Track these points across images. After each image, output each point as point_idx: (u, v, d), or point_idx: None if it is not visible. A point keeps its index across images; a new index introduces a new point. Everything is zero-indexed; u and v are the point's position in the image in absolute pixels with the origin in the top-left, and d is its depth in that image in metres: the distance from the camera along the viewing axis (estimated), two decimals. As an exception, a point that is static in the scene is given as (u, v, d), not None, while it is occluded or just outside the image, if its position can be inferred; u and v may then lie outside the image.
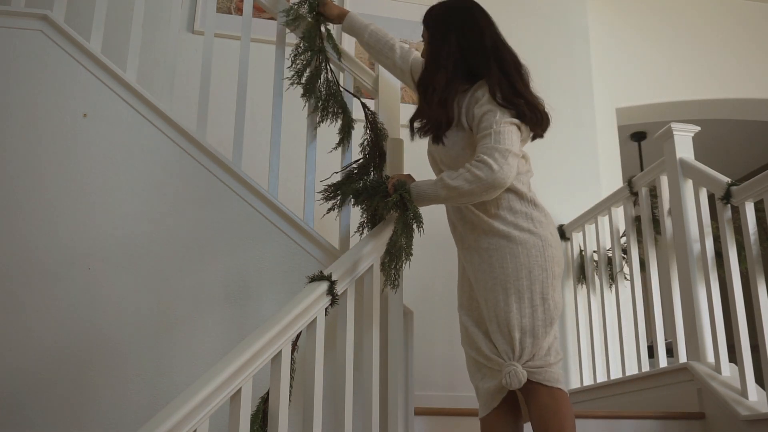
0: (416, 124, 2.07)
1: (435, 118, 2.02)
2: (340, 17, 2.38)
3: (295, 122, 2.75)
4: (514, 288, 1.90)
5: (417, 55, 2.30)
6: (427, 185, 1.99)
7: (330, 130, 2.49)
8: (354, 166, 2.38)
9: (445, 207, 2.14)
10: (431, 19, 2.14)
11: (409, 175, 2.12)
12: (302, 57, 2.39)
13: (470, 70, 2.04)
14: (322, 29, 2.44)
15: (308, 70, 2.40)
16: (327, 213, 2.36)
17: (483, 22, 2.09)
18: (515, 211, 1.96)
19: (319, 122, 2.42)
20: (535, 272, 1.90)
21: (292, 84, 2.39)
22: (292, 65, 2.40)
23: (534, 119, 1.98)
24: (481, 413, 2.00)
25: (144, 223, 2.28)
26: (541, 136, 2.08)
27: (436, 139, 2.03)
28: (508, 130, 1.91)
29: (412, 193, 2.00)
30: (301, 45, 2.41)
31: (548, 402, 1.86)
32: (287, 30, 2.53)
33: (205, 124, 2.43)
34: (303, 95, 2.41)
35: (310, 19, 2.43)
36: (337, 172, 2.40)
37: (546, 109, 2.04)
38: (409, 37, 3.87)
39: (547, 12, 4.18)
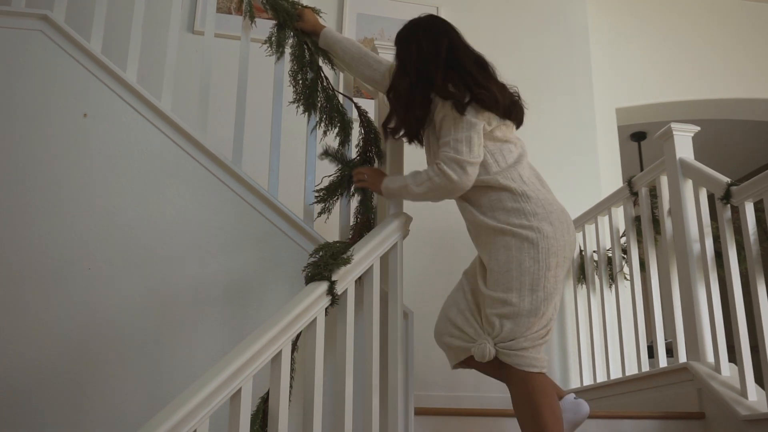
0: (390, 126, 2.23)
1: (401, 121, 2.18)
2: (315, 32, 2.45)
3: (295, 122, 2.75)
4: (504, 279, 1.98)
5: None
6: (396, 188, 2.17)
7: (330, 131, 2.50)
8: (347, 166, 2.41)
9: (458, 208, 2.21)
10: (398, 36, 2.27)
11: (377, 170, 2.29)
12: (299, 77, 2.45)
13: (428, 76, 2.12)
14: (309, 42, 2.48)
15: (304, 84, 2.44)
16: (318, 216, 2.38)
17: (440, 32, 2.19)
18: (507, 210, 2.03)
19: (325, 132, 2.44)
20: (526, 264, 1.97)
21: (297, 105, 2.45)
22: (292, 86, 2.46)
23: (499, 106, 2.08)
24: (451, 363, 2.13)
25: (144, 223, 2.28)
26: (517, 124, 2.19)
27: (410, 138, 2.23)
28: (465, 137, 2.03)
29: (383, 190, 2.20)
30: (293, 65, 2.46)
31: (520, 388, 1.95)
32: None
33: (205, 124, 2.43)
34: (304, 112, 2.44)
35: (291, 40, 2.48)
36: (328, 176, 2.41)
37: (517, 98, 2.17)
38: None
39: (547, 12, 4.18)
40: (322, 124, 2.45)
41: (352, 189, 2.37)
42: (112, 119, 2.36)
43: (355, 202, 2.44)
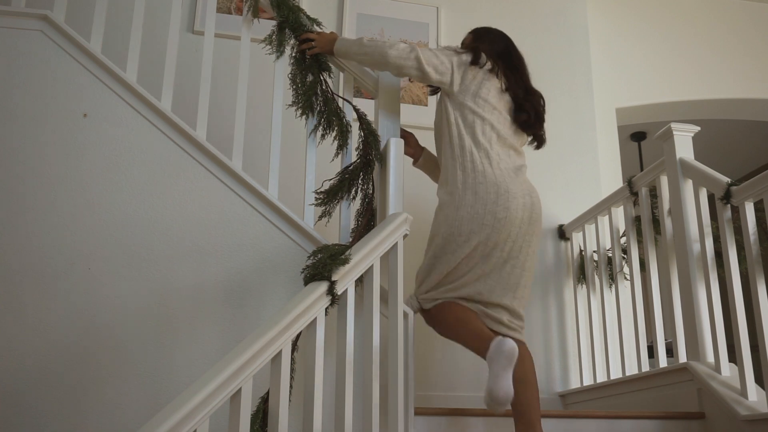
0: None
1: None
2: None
3: (295, 122, 2.75)
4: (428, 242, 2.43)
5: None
6: (350, 42, 2.48)
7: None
8: (347, 170, 2.42)
9: None
10: (486, 33, 2.68)
11: (325, 33, 2.53)
12: (297, 80, 2.48)
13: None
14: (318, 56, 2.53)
15: (303, 86, 2.46)
16: (318, 220, 2.38)
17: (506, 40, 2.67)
18: (447, 179, 2.39)
19: (323, 135, 2.45)
20: (442, 228, 2.33)
21: (296, 108, 2.47)
22: (291, 88, 2.49)
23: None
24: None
25: (144, 224, 2.28)
26: (529, 129, 2.52)
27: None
28: (438, 59, 2.43)
29: (335, 49, 2.49)
30: (293, 68, 2.50)
31: (433, 319, 2.36)
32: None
33: (205, 124, 2.43)
34: (302, 114, 2.44)
35: (292, 40, 2.52)
36: (329, 180, 2.42)
37: (540, 106, 2.54)
38: (410, 37, 3.87)
39: (547, 12, 4.18)
40: (321, 128, 2.46)
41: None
42: (112, 119, 2.36)
43: (355, 206, 2.44)
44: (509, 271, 2.31)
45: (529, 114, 2.48)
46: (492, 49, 2.52)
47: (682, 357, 2.76)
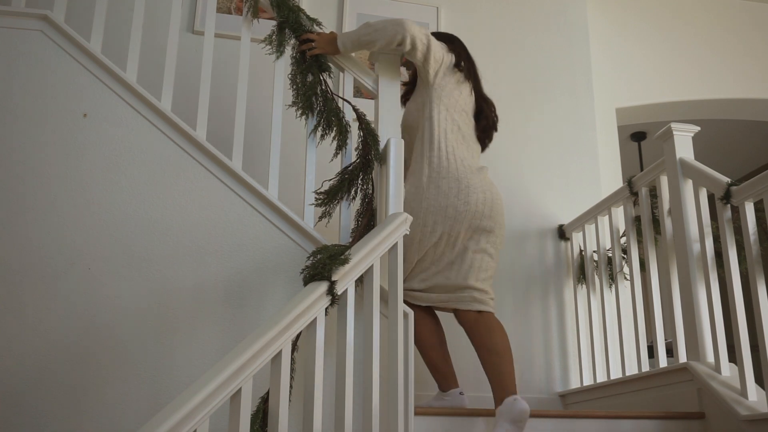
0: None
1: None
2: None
3: (295, 122, 2.75)
4: None
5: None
6: (352, 32, 2.54)
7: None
8: (347, 170, 2.42)
9: None
10: (452, 38, 2.80)
11: (324, 33, 2.55)
12: (297, 80, 2.48)
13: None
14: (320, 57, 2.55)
15: (303, 86, 2.47)
16: (319, 220, 2.38)
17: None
18: (414, 172, 2.54)
19: (322, 136, 2.46)
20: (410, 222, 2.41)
21: (297, 108, 2.48)
22: (292, 89, 2.50)
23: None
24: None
25: (144, 224, 2.28)
26: (485, 133, 2.69)
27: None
28: (434, 50, 2.54)
29: (340, 45, 2.52)
30: (293, 68, 2.50)
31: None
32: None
33: (205, 124, 2.43)
34: (301, 115, 2.44)
35: (292, 40, 2.53)
36: (329, 180, 2.42)
37: (494, 114, 2.73)
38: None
39: (548, 12, 4.18)
40: (320, 128, 2.46)
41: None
42: (112, 119, 2.36)
43: (355, 206, 2.44)
44: (471, 257, 2.49)
45: (487, 120, 2.69)
46: (463, 56, 2.69)
47: (682, 357, 2.76)
